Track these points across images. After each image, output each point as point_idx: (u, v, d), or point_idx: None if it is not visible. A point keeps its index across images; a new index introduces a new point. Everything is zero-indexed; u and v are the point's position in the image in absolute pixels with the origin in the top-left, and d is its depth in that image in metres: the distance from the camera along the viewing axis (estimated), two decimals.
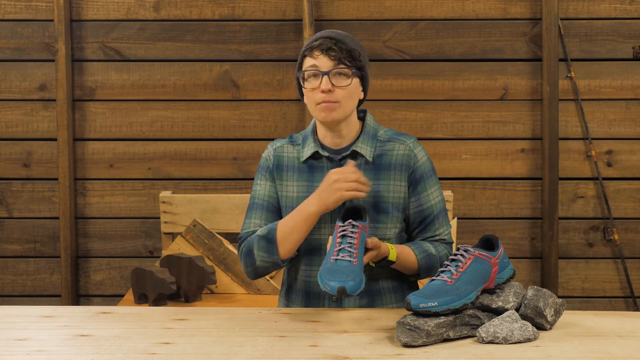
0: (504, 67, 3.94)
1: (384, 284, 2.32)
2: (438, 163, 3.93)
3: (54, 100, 3.97)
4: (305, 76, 2.28)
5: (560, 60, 3.91)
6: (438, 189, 2.35)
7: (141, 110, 3.99)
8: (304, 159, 2.34)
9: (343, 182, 2.18)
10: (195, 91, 3.98)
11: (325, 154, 2.32)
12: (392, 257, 2.22)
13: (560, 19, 3.89)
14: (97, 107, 3.99)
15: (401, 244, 2.32)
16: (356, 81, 2.29)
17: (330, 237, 2.14)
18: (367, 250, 2.16)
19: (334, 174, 2.20)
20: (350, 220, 2.11)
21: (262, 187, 2.37)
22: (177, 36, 3.96)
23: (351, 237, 2.07)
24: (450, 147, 3.96)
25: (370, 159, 2.31)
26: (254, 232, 2.33)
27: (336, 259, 2.05)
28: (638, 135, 3.95)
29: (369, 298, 2.31)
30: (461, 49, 3.93)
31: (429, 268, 2.30)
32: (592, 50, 3.92)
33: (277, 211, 2.36)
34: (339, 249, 2.06)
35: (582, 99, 3.92)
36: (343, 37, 2.30)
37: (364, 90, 2.34)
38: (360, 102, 2.35)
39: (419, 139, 3.90)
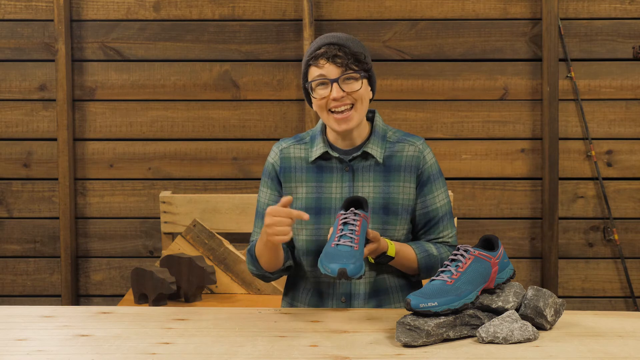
0: (504, 67, 3.94)
1: (391, 282, 2.31)
2: (438, 163, 3.93)
3: (54, 100, 3.97)
4: (313, 86, 2.26)
5: (560, 60, 3.91)
6: (445, 192, 2.35)
7: (141, 110, 3.99)
8: (312, 159, 2.32)
9: (275, 227, 2.11)
10: (195, 91, 3.98)
11: (335, 154, 2.30)
12: (391, 252, 2.22)
13: (560, 19, 3.89)
14: (97, 107, 3.99)
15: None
16: (365, 83, 2.28)
17: (331, 228, 2.13)
18: (368, 241, 2.16)
19: (268, 216, 2.12)
20: (352, 209, 2.11)
21: (264, 195, 2.37)
22: (177, 36, 3.96)
23: (353, 224, 2.08)
24: (450, 147, 3.96)
25: (381, 160, 2.30)
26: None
27: (337, 244, 2.05)
28: (638, 135, 3.95)
29: (377, 298, 2.30)
30: (461, 49, 3.94)
31: (429, 268, 2.30)
32: (592, 50, 3.92)
33: None
34: (341, 235, 2.06)
35: (582, 99, 3.92)
36: (345, 40, 2.27)
37: (372, 89, 2.33)
38: (370, 100, 2.33)
39: None
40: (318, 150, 2.32)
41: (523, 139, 3.96)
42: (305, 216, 2.10)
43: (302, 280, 2.36)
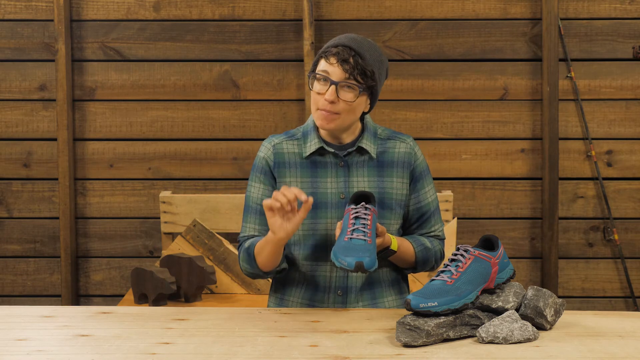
0: (504, 67, 3.94)
1: (385, 276, 2.35)
2: (438, 163, 3.93)
3: (54, 100, 3.97)
4: (317, 77, 2.28)
5: (560, 60, 3.91)
6: (433, 187, 2.42)
7: (141, 110, 3.99)
8: (307, 154, 2.33)
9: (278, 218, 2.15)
10: (195, 91, 3.98)
11: (331, 149, 2.32)
12: (394, 246, 2.25)
13: (560, 19, 3.89)
14: (97, 107, 3.99)
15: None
16: (363, 97, 2.28)
17: (339, 223, 2.17)
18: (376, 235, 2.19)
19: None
20: (362, 203, 2.15)
21: (256, 189, 2.36)
22: (177, 36, 3.96)
23: (364, 218, 2.12)
24: (450, 147, 3.96)
25: (374, 156, 2.33)
26: (251, 236, 2.35)
27: (351, 238, 2.08)
28: (638, 135, 3.95)
29: (372, 291, 2.33)
30: (461, 49, 3.94)
31: (424, 261, 2.35)
32: (592, 50, 3.92)
33: None
34: (353, 229, 2.10)
35: (582, 99, 3.92)
36: (364, 49, 2.26)
37: (372, 103, 2.33)
38: (364, 113, 2.34)
39: (419, 139, 3.91)
40: (313, 145, 2.33)
41: (523, 139, 3.96)
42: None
43: (295, 276, 2.36)
